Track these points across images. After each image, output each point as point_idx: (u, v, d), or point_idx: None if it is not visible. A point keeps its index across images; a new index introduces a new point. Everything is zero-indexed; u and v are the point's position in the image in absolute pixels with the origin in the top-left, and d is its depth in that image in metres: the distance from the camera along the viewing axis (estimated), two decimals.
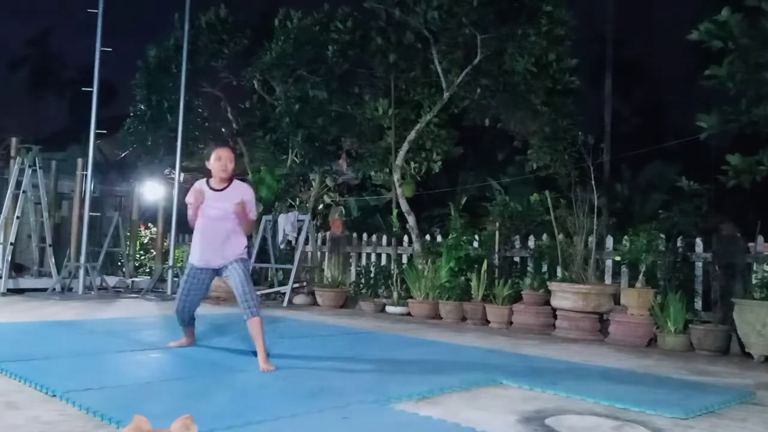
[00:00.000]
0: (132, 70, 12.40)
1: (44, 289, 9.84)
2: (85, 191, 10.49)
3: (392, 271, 9.54)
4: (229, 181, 4.67)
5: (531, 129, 9.71)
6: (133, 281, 11.71)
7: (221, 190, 4.61)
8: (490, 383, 4.18)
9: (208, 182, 4.69)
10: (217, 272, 4.72)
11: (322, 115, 10.52)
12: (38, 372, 3.94)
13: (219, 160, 4.57)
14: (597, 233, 7.49)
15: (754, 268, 6.68)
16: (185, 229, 14.50)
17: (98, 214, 11.50)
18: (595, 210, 7.43)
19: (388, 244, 10.39)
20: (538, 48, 8.99)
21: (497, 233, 8.58)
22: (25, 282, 10.16)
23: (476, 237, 8.82)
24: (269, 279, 10.99)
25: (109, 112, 17.95)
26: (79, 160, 10.92)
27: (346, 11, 10.46)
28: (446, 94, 9.58)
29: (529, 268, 8.50)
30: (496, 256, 8.50)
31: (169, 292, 10.53)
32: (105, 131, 11.07)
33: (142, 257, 13.80)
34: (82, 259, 10.12)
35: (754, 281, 6.44)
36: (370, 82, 10.47)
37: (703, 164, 9.06)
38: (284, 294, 9.71)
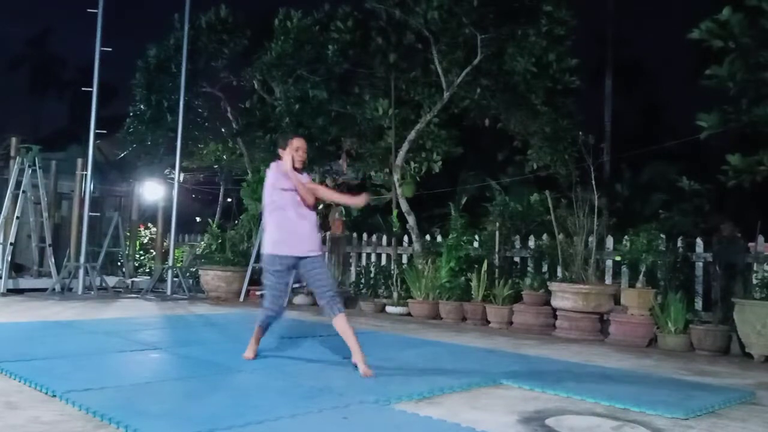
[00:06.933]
0: (132, 70, 12.40)
1: (44, 289, 9.84)
2: (84, 191, 10.49)
3: (392, 271, 9.53)
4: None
5: (531, 129, 9.70)
6: (132, 281, 11.71)
7: None
8: (491, 383, 4.18)
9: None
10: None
11: (322, 115, 10.51)
12: (38, 372, 3.94)
13: (298, 150, 4.44)
14: (597, 233, 7.49)
15: (755, 268, 6.68)
16: (185, 228, 14.58)
17: (98, 214, 11.51)
18: (596, 210, 7.42)
19: (388, 244, 10.38)
20: (538, 48, 8.99)
21: (497, 233, 8.58)
22: (25, 282, 10.16)
23: (476, 237, 8.82)
24: None
25: (109, 112, 17.94)
26: (79, 160, 10.93)
27: (346, 11, 10.45)
28: (446, 94, 9.58)
29: (529, 268, 8.50)
30: (496, 256, 8.50)
31: (168, 292, 10.53)
32: (105, 131, 11.07)
33: (142, 257, 13.80)
34: (82, 259, 10.12)
35: (754, 281, 6.45)
36: (370, 82, 10.46)
37: (703, 164, 9.07)
38: None
